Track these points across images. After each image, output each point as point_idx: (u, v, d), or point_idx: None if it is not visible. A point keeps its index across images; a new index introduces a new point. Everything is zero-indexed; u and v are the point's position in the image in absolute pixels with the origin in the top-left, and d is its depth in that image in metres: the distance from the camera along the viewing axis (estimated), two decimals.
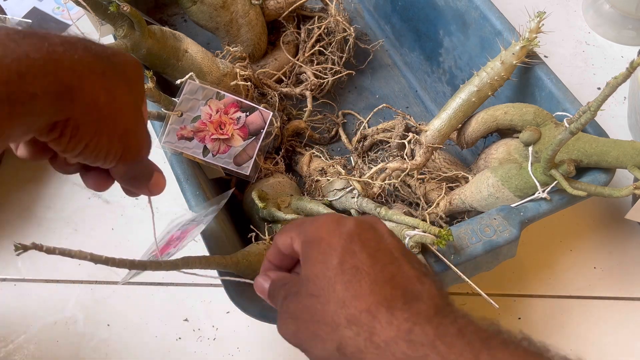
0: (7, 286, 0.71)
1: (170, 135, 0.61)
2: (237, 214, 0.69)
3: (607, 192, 0.56)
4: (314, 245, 0.40)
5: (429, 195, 0.68)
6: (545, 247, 0.74)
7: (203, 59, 0.67)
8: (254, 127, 0.64)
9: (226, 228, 0.60)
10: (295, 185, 0.71)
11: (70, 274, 0.72)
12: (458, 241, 0.55)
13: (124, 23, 0.60)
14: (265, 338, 0.67)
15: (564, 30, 0.94)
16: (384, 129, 0.76)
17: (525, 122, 0.63)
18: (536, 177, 0.58)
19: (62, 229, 0.75)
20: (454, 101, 0.66)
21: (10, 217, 0.76)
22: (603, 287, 0.71)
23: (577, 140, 0.59)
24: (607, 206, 0.77)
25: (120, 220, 0.76)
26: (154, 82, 0.57)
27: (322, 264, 0.39)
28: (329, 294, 0.37)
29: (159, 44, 0.63)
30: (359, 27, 0.90)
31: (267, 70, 0.80)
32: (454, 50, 0.78)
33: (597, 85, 0.88)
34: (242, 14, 0.76)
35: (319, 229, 0.41)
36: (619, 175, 0.69)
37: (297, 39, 0.83)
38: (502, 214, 0.58)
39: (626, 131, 0.83)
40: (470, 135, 0.67)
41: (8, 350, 0.67)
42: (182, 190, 0.60)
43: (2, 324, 0.68)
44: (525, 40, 0.63)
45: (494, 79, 0.64)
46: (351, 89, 0.87)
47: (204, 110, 0.62)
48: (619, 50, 0.92)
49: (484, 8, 0.71)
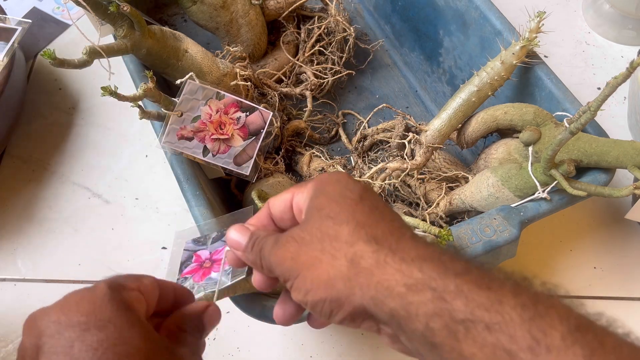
0: (7, 286, 0.71)
1: (170, 135, 0.61)
2: None
3: (607, 192, 0.56)
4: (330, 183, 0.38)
5: (429, 195, 0.68)
6: (545, 247, 0.74)
7: (203, 59, 0.67)
8: (254, 127, 0.64)
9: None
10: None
11: (70, 274, 0.72)
12: (458, 241, 0.55)
13: (124, 23, 0.60)
14: (265, 338, 0.67)
15: (564, 30, 0.94)
16: (384, 129, 0.76)
17: (525, 122, 0.63)
18: (536, 177, 0.58)
19: (62, 229, 0.75)
20: (454, 101, 0.66)
21: (10, 217, 0.76)
22: (603, 287, 0.71)
23: (577, 140, 0.59)
24: (607, 206, 0.77)
25: (120, 220, 0.76)
26: (154, 82, 0.57)
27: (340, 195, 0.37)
28: (347, 216, 0.36)
29: (159, 44, 0.63)
30: (359, 27, 0.90)
31: (267, 70, 0.80)
32: (454, 50, 0.78)
33: (597, 85, 0.88)
34: (242, 14, 0.76)
35: (334, 175, 0.39)
36: (619, 175, 0.70)
37: (297, 39, 0.83)
38: (502, 214, 0.58)
39: (626, 131, 0.83)
40: (470, 135, 0.67)
41: (8, 350, 0.67)
42: (182, 190, 0.60)
43: (2, 324, 0.68)
44: (525, 40, 0.63)
45: (494, 78, 0.64)
46: (351, 89, 0.87)
47: (204, 110, 0.62)
48: (619, 50, 0.92)
49: (484, 8, 0.71)
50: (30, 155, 0.81)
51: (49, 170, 0.80)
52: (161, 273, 0.72)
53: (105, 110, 0.86)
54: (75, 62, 0.55)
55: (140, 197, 0.78)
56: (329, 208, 0.37)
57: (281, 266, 0.37)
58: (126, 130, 0.84)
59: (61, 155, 0.81)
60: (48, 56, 0.52)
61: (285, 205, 0.41)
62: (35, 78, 0.89)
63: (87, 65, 0.56)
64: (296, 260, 0.36)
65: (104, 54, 0.57)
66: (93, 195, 0.78)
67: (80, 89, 0.88)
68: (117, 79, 0.59)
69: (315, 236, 0.36)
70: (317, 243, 0.36)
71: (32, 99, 0.86)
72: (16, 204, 0.77)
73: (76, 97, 0.87)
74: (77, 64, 0.56)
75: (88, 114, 0.85)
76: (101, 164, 0.81)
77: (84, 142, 0.83)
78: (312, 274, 0.35)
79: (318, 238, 0.36)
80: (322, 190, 0.38)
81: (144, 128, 0.80)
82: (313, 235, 0.36)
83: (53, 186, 0.79)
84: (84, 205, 0.77)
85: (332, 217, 0.36)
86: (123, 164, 0.81)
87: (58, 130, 0.84)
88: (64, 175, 0.80)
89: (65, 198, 0.78)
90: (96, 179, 0.79)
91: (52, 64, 0.53)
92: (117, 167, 0.81)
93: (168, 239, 0.75)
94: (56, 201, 0.77)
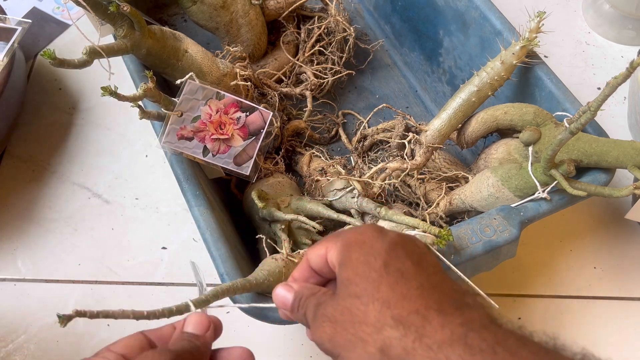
0: (7, 286, 0.71)
1: (170, 135, 0.61)
2: (237, 214, 0.69)
3: (607, 192, 0.56)
4: (356, 247, 0.39)
5: (429, 195, 0.68)
6: (545, 247, 0.74)
7: (203, 59, 0.67)
8: (254, 127, 0.64)
9: (227, 229, 0.60)
10: (295, 185, 0.71)
11: (70, 274, 0.72)
12: (458, 241, 0.55)
13: (124, 23, 0.60)
14: (265, 338, 0.67)
15: (564, 30, 0.94)
16: (384, 129, 0.76)
17: (525, 122, 0.63)
18: (536, 177, 0.58)
19: (62, 229, 0.75)
20: (454, 101, 0.66)
21: (10, 217, 0.76)
22: (603, 287, 0.71)
23: (577, 140, 0.59)
24: (607, 206, 0.77)
25: (120, 220, 0.76)
26: (154, 82, 0.57)
27: (365, 265, 0.37)
28: (372, 294, 0.36)
29: (159, 44, 0.63)
30: (359, 27, 0.90)
31: (267, 70, 0.80)
32: (454, 50, 0.78)
33: (597, 85, 0.88)
34: (242, 14, 0.76)
35: (361, 234, 0.39)
36: (619, 175, 0.70)
37: (297, 39, 0.83)
38: (502, 214, 0.58)
39: (626, 131, 0.83)
40: (470, 135, 0.67)
41: (8, 350, 0.67)
42: (182, 190, 0.60)
43: (2, 324, 0.68)
44: (525, 40, 0.63)
45: (494, 78, 0.64)
46: (351, 89, 0.87)
47: (204, 110, 0.62)
48: (619, 50, 0.92)
49: (484, 8, 0.71)
50: (30, 155, 0.81)
51: (49, 170, 0.80)
52: (161, 273, 0.72)
53: (105, 110, 0.86)
54: (75, 62, 0.55)
55: (140, 197, 0.78)
56: (354, 285, 0.37)
57: (322, 346, 0.38)
58: (126, 130, 0.84)
59: (61, 155, 0.81)
60: (48, 56, 0.52)
61: (322, 261, 0.42)
62: (35, 78, 0.89)
63: (87, 65, 0.56)
64: (333, 342, 0.37)
65: (104, 54, 0.57)
66: (93, 195, 0.78)
67: (80, 89, 0.88)
68: (117, 79, 0.58)
69: (347, 318, 0.37)
70: (349, 326, 0.36)
71: (32, 99, 0.86)
72: (16, 204, 0.77)
73: (76, 97, 0.87)
74: (77, 64, 0.56)
75: (88, 114, 0.86)
76: (101, 164, 0.81)
77: (84, 142, 0.83)
78: (350, 356, 0.36)
79: (349, 321, 0.36)
80: (349, 258, 0.39)
81: (144, 128, 0.80)
82: (344, 316, 0.37)
83: (53, 186, 0.79)
84: (84, 205, 0.77)
85: (359, 296, 0.36)
86: (123, 164, 0.81)
87: (58, 130, 0.84)
88: (64, 175, 0.80)
89: (65, 198, 0.78)
90: (96, 179, 0.79)
91: (52, 64, 0.53)
92: (117, 167, 0.81)
93: (168, 239, 0.75)
94: (56, 201, 0.77)
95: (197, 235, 0.72)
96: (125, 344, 0.39)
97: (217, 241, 0.56)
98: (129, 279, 0.71)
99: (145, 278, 0.72)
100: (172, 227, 0.75)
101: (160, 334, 0.42)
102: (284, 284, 0.43)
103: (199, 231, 0.57)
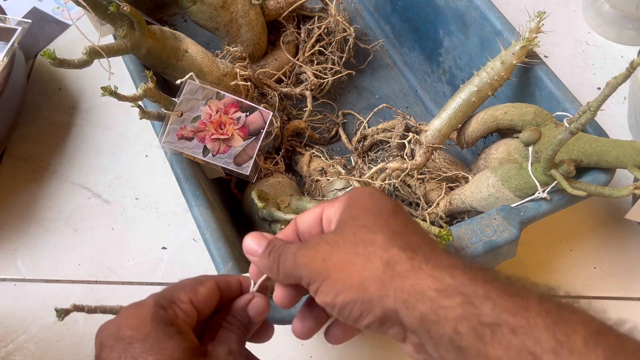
0: (7, 286, 0.71)
1: (170, 135, 0.61)
2: (237, 214, 0.69)
3: (607, 192, 0.56)
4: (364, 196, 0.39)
5: (429, 195, 0.68)
6: (545, 247, 0.74)
7: (203, 59, 0.67)
8: (254, 127, 0.64)
9: (227, 229, 0.60)
10: (295, 185, 0.71)
11: (70, 274, 0.72)
12: (458, 241, 0.55)
13: (124, 23, 0.60)
14: None
15: (564, 30, 0.94)
16: (384, 129, 0.76)
17: (525, 122, 0.63)
18: (536, 177, 0.58)
19: (62, 229, 0.75)
20: (454, 101, 0.66)
21: (10, 217, 0.76)
22: (603, 287, 0.71)
23: (577, 140, 0.59)
24: (607, 206, 0.77)
25: (120, 220, 0.76)
26: (154, 82, 0.57)
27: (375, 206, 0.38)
28: (382, 225, 0.37)
29: (159, 44, 0.63)
30: (359, 27, 0.90)
31: (267, 70, 0.80)
32: (454, 50, 0.78)
33: (597, 85, 0.88)
34: (242, 14, 0.76)
35: (368, 189, 0.41)
36: (619, 175, 0.69)
37: (297, 39, 0.83)
38: (502, 214, 0.58)
39: (626, 131, 0.83)
40: (470, 135, 0.67)
41: (8, 350, 0.67)
42: (182, 190, 0.60)
43: (2, 324, 0.68)
44: (525, 40, 0.63)
45: (494, 78, 0.64)
46: (351, 89, 0.87)
47: (204, 110, 0.62)
48: (619, 50, 0.92)
49: (484, 8, 0.71)
50: (30, 155, 0.81)
51: (49, 170, 0.80)
52: (161, 273, 0.72)
53: (105, 110, 0.86)
54: (75, 62, 0.55)
55: (140, 197, 0.78)
56: (364, 218, 0.37)
57: (309, 267, 0.37)
58: (126, 130, 0.84)
59: (61, 155, 0.81)
60: (48, 56, 0.52)
61: (315, 220, 0.41)
62: (35, 78, 0.89)
63: (87, 65, 0.56)
64: (327, 261, 0.36)
65: (104, 54, 0.57)
66: (93, 195, 0.78)
67: (80, 89, 0.88)
68: (117, 79, 0.59)
69: (349, 240, 0.37)
70: (351, 247, 0.36)
71: (32, 99, 0.86)
72: (16, 204, 0.77)
73: (76, 97, 0.87)
74: (77, 64, 0.56)
75: (88, 114, 0.86)
76: (101, 164, 0.81)
77: (84, 142, 0.83)
78: (344, 275, 0.36)
79: (352, 242, 0.36)
80: (357, 202, 0.39)
81: (144, 128, 0.80)
82: (347, 239, 0.37)
83: (53, 186, 0.79)
84: (84, 205, 0.77)
85: (368, 225, 0.37)
86: (123, 164, 0.81)
87: (58, 130, 0.84)
88: (64, 175, 0.80)
89: (65, 198, 0.78)
90: (96, 179, 0.79)
91: (52, 64, 0.53)
92: (117, 167, 0.81)
93: (168, 239, 0.75)
94: (56, 201, 0.77)
95: (197, 235, 0.72)
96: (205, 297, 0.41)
97: (217, 241, 0.56)
98: (129, 279, 0.71)
99: (145, 278, 0.72)
100: (172, 227, 0.75)
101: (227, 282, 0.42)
102: (257, 233, 0.41)
103: (199, 231, 0.57)
